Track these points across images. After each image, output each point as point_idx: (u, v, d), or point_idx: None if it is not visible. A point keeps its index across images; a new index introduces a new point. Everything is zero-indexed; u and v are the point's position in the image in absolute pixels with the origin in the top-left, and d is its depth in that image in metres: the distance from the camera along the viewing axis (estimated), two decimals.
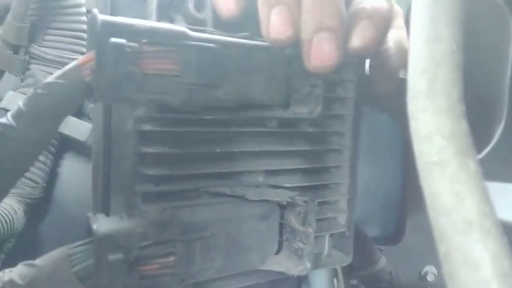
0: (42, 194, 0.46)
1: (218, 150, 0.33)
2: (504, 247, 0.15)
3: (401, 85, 0.20)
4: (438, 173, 0.16)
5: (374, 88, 0.30)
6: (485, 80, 0.52)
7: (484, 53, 0.53)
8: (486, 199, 0.16)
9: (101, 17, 0.22)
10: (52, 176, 0.47)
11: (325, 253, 0.42)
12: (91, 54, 0.23)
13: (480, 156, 0.50)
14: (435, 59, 0.17)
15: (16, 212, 0.44)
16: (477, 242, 0.15)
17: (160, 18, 0.32)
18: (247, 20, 0.36)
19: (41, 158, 0.45)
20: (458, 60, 0.17)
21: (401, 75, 0.37)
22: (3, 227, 0.42)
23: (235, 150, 0.34)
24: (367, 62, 0.41)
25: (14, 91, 0.44)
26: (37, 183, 0.46)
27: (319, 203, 0.39)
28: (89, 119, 0.46)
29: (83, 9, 0.45)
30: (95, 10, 0.23)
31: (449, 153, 0.17)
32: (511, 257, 0.15)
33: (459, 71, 0.17)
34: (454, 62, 0.17)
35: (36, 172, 0.46)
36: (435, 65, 0.17)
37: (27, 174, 0.46)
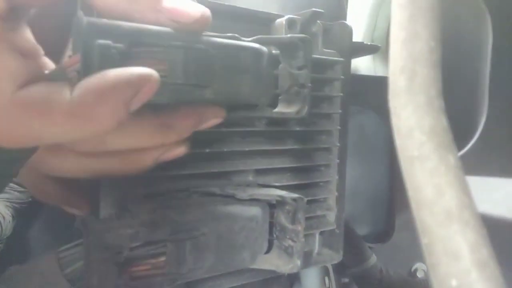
0: (30, 199, 0.46)
1: (207, 150, 0.33)
2: (483, 237, 0.16)
3: (384, 83, 0.20)
4: (419, 167, 0.17)
5: None
6: (466, 78, 0.54)
7: (464, 51, 0.54)
8: (465, 191, 0.17)
9: (87, 19, 0.22)
10: None
11: (315, 251, 0.42)
12: (76, 56, 0.23)
13: (462, 152, 0.51)
14: (413, 57, 0.18)
15: (4, 217, 0.44)
16: (457, 233, 0.16)
17: None
18: (233, 21, 0.36)
19: None
20: (437, 57, 0.18)
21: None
22: None
23: (225, 150, 0.34)
24: (353, 61, 0.42)
25: None
26: (25, 187, 0.46)
27: (309, 201, 0.39)
28: None
29: None
30: (80, 12, 0.23)
31: (429, 148, 0.17)
32: (489, 246, 0.16)
33: (438, 68, 0.18)
34: (432, 60, 0.18)
35: None
36: (413, 63, 0.18)
37: (15, 179, 0.45)
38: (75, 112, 0.21)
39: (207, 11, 0.26)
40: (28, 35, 0.23)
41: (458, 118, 0.26)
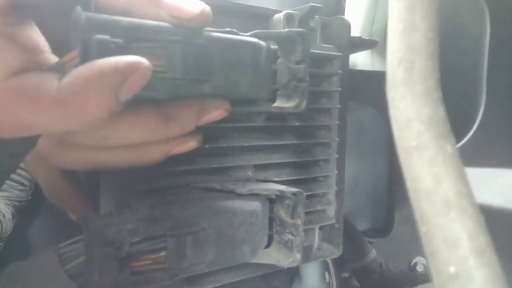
0: (30, 197, 0.46)
1: (206, 146, 0.33)
2: (480, 225, 0.16)
3: (382, 77, 0.20)
4: (417, 157, 0.17)
5: None
6: (464, 69, 0.54)
7: (462, 43, 0.54)
8: (463, 180, 0.17)
9: (85, 14, 0.22)
10: None
11: (315, 245, 0.42)
12: (75, 51, 0.23)
13: (460, 143, 0.51)
14: (411, 48, 0.18)
15: (4, 216, 0.44)
16: (455, 221, 0.16)
17: None
18: (231, 17, 0.36)
19: None
20: (434, 48, 0.18)
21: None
22: None
23: (224, 145, 0.35)
24: (351, 56, 0.42)
25: None
26: (25, 185, 0.46)
27: (308, 196, 0.39)
28: None
29: None
30: (79, 7, 0.23)
31: (427, 138, 0.17)
32: (487, 234, 0.16)
33: (435, 59, 0.18)
34: (430, 51, 0.18)
35: (24, 174, 0.45)
36: (411, 54, 0.18)
37: (15, 177, 0.45)
38: (62, 100, 0.21)
39: (207, 7, 0.25)
40: (30, 31, 0.23)
41: (456, 110, 0.26)
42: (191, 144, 0.29)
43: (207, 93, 0.27)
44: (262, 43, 0.30)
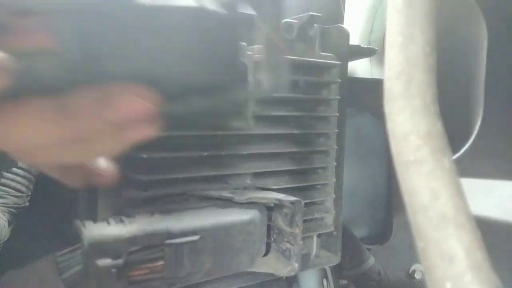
0: (27, 203, 0.46)
1: (205, 154, 0.33)
2: (478, 240, 0.16)
3: (381, 85, 0.20)
4: (414, 171, 0.17)
5: None
6: (462, 81, 0.54)
7: (460, 54, 0.54)
8: (460, 194, 0.17)
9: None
10: (37, 184, 0.46)
11: (313, 253, 0.42)
12: None
13: (458, 154, 0.52)
14: (409, 62, 0.18)
15: None
16: (452, 236, 0.16)
17: None
18: None
19: (25, 166, 0.45)
20: (432, 62, 0.18)
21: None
22: None
23: (223, 153, 0.35)
24: (350, 64, 0.42)
25: None
26: (22, 192, 0.45)
27: (306, 204, 0.39)
28: None
29: None
30: None
31: (425, 152, 0.17)
32: (484, 249, 0.16)
33: (433, 73, 0.18)
34: (428, 64, 0.18)
35: (21, 180, 0.45)
36: (409, 68, 0.18)
37: (12, 183, 0.45)
38: None
39: None
40: None
41: (453, 120, 0.27)
42: (147, 132, 0.22)
43: (121, 77, 0.20)
44: (210, 7, 0.22)
